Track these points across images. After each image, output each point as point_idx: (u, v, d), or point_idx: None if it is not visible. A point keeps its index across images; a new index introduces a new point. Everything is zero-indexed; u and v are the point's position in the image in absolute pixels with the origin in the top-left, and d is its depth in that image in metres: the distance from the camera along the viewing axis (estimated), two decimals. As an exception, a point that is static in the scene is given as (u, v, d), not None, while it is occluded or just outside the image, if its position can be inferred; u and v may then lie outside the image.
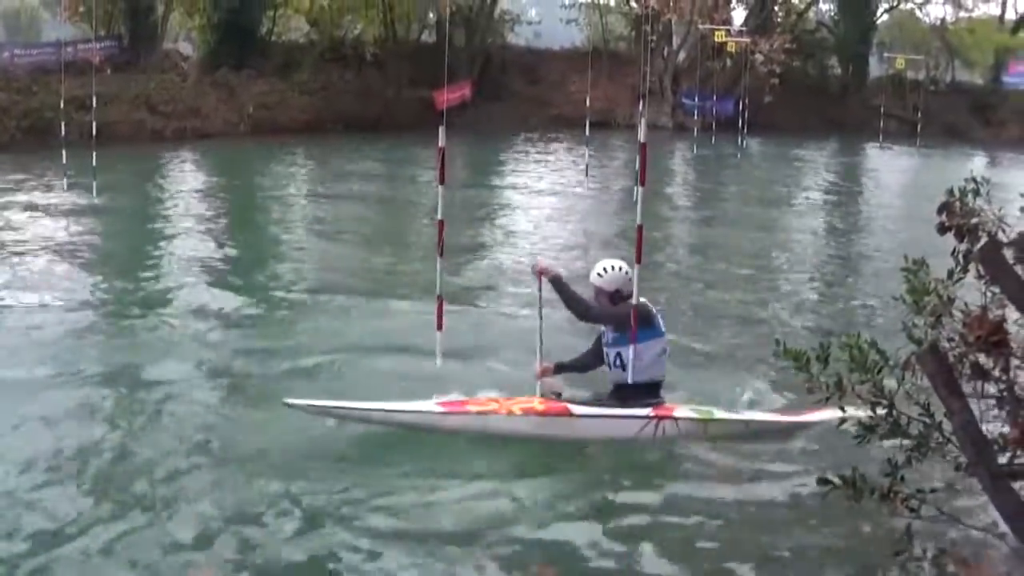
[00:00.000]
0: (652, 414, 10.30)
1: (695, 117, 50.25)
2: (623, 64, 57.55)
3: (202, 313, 15.88)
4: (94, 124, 29.17)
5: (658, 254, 20.87)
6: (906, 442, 7.53)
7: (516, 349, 13.11)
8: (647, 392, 10.41)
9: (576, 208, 28.59)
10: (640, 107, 34.94)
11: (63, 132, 29.95)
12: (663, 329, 10.59)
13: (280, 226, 25.68)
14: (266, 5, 55.04)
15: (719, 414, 10.51)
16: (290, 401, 10.48)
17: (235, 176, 36.95)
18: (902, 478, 7.51)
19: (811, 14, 65.60)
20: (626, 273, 10.50)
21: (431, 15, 59.58)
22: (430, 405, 10.61)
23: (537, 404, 10.55)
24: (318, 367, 12.78)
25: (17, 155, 38.75)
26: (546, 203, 29.58)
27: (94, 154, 27.13)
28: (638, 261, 10.47)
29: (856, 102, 62.29)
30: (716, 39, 51.37)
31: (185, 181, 35.18)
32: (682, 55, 60.47)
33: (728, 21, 56.79)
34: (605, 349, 10.62)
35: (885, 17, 69.11)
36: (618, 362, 10.42)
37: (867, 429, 7.47)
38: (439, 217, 11.83)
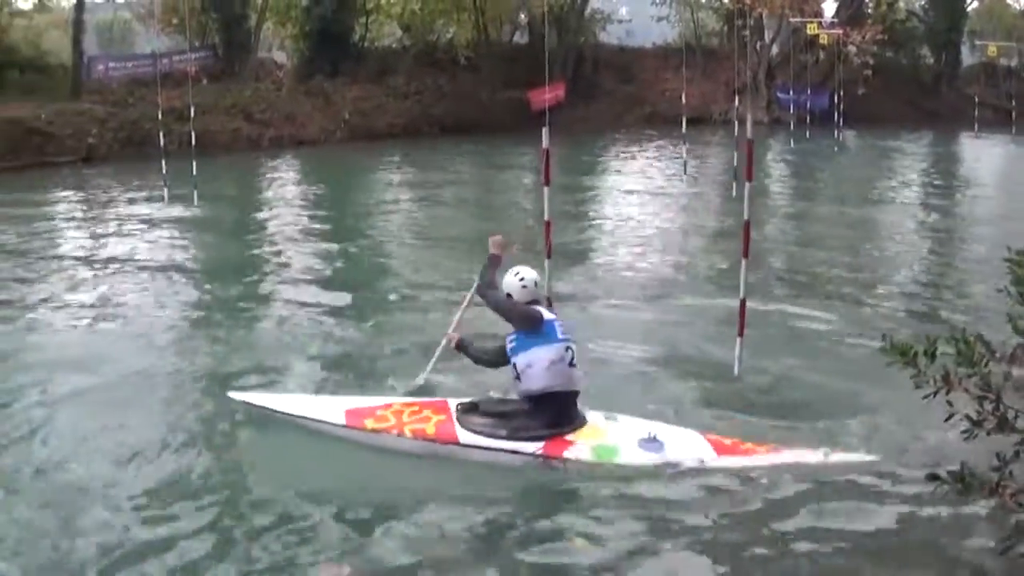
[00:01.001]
0: (539, 452, 9.71)
1: (790, 111, 49.66)
2: (716, 60, 57.29)
3: (302, 316, 16.02)
4: (192, 134, 29.48)
5: (758, 248, 20.71)
6: (1014, 436, 7.43)
7: (627, 348, 13.38)
8: (550, 402, 9.83)
9: (675, 205, 28.42)
10: (736, 102, 35.01)
11: (162, 142, 30.28)
12: (561, 336, 9.92)
13: (379, 230, 25.62)
14: (358, 12, 55.50)
15: (619, 458, 9.56)
16: (232, 395, 11.15)
17: (333, 182, 37.15)
18: (1011, 473, 7.41)
19: (902, 3, 64.72)
20: (519, 279, 10.13)
21: (523, 16, 59.57)
22: (336, 414, 10.54)
23: (431, 425, 10.17)
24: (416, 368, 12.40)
25: (116, 165, 39.37)
26: (645, 201, 29.42)
27: (193, 163, 27.41)
28: (745, 255, 10.48)
29: (950, 91, 61.47)
30: (808, 32, 50.88)
31: (283, 188, 35.49)
32: (775, 49, 59.99)
33: (819, 13, 56.08)
34: (509, 356, 10.09)
35: (975, 4, 68.14)
36: (514, 372, 10.02)
37: (974, 424, 7.36)
38: (546, 218, 11.85)
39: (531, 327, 9.88)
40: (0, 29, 50.90)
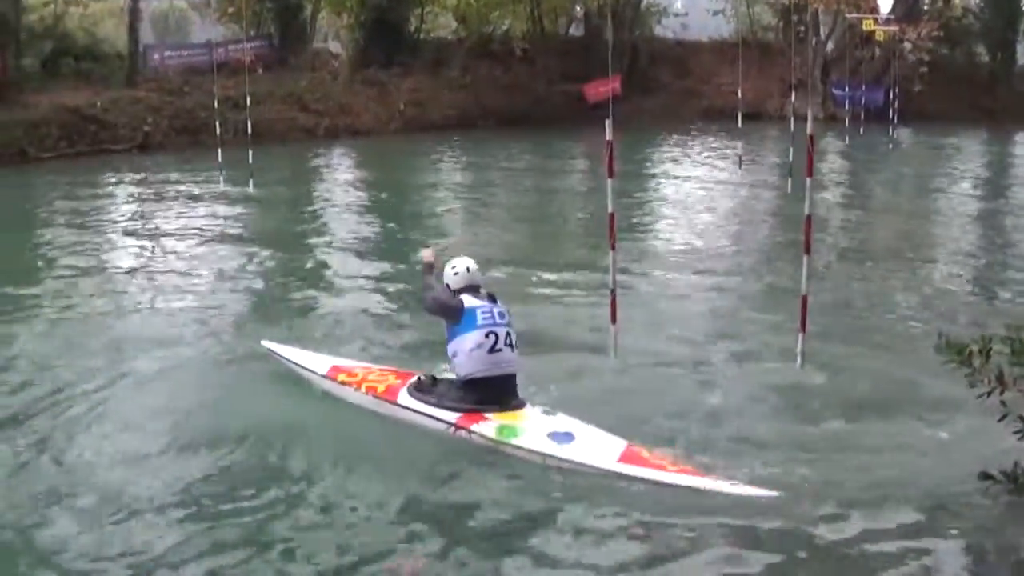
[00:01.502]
0: (454, 422, 10.15)
1: (845, 107, 49.33)
2: (771, 55, 56.90)
3: (357, 303, 16.18)
4: (249, 123, 29.58)
5: (816, 244, 20.64)
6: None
7: (688, 338, 13.47)
8: (479, 385, 10.17)
9: (731, 200, 28.29)
10: (792, 98, 34.80)
11: (218, 131, 30.44)
12: (480, 323, 10.15)
13: (432, 220, 25.71)
14: (414, 2, 55.37)
15: (518, 439, 9.75)
16: (264, 342, 12.36)
17: (388, 172, 37.21)
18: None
19: (958, 0, 64.24)
20: (453, 269, 10.55)
21: (578, 9, 59.48)
22: (323, 367, 11.59)
23: (383, 385, 10.93)
24: None
25: (171, 154, 39.60)
26: (701, 195, 29.19)
27: (250, 152, 27.51)
28: (807, 251, 10.53)
29: (1005, 89, 60.77)
30: (864, 28, 50.51)
31: (338, 178, 35.56)
32: (830, 45, 59.61)
33: (875, 9, 55.55)
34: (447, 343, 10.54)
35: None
36: (449, 359, 10.52)
37: (1028, 423, 7.34)
38: (610, 210, 11.88)
39: (452, 318, 10.29)
40: (56, 17, 51.22)
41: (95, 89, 44.99)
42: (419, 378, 10.79)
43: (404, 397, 10.60)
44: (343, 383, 11.24)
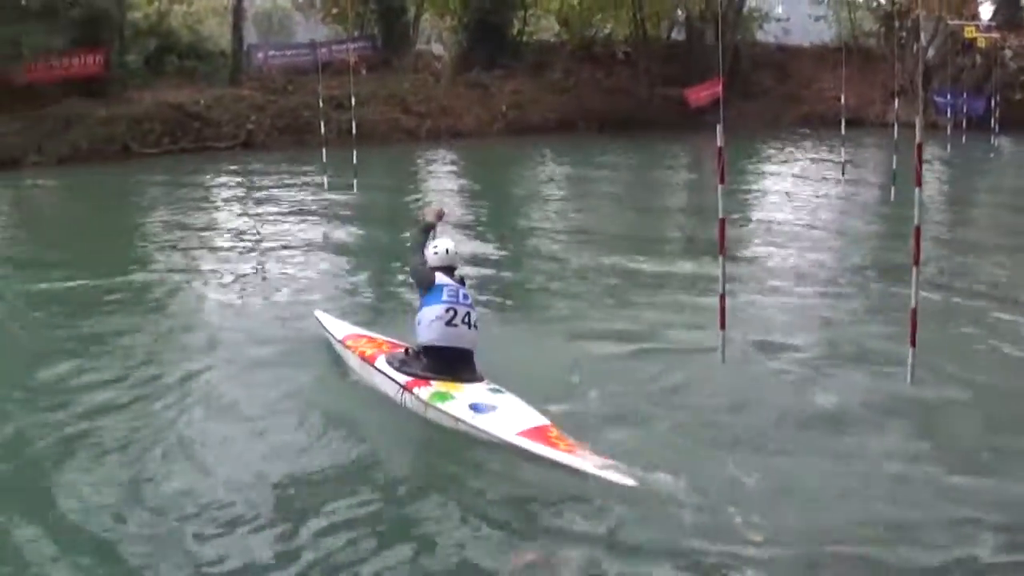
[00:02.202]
0: (404, 384, 10.93)
1: (947, 115, 48.66)
2: (873, 61, 56.17)
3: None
4: (353, 123, 29.49)
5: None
6: None
7: (794, 346, 13.20)
8: (435, 354, 10.98)
9: (834, 206, 27.75)
10: (895, 104, 34.24)
11: (322, 131, 30.40)
12: (445, 299, 11.00)
13: (529, 222, 25.30)
14: (517, 5, 55.27)
15: (443, 405, 10.42)
16: (316, 312, 13.79)
17: (488, 174, 37.09)
18: None
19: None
20: (434, 249, 11.50)
21: (680, 12, 59.16)
22: (343, 333, 12.80)
23: (372, 352, 11.92)
24: (585, 364, 12.00)
25: (274, 152, 39.83)
26: (804, 201, 28.69)
27: (354, 152, 27.40)
28: (916, 263, 10.19)
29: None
30: (965, 35, 49.84)
31: (439, 179, 35.46)
32: (932, 52, 58.89)
33: (976, 16, 54.96)
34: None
35: None
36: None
37: None
38: (719, 216, 11.58)
39: (422, 286, 11.31)
40: (160, 14, 51.74)
41: (198, 87, 45.52)
42: (405, 349, 11.58)
43: (380, 362, 11.52)
44: (348, 347, 12.33)
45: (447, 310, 10.95)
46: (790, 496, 8.63)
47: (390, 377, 11.18)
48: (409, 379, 10.93)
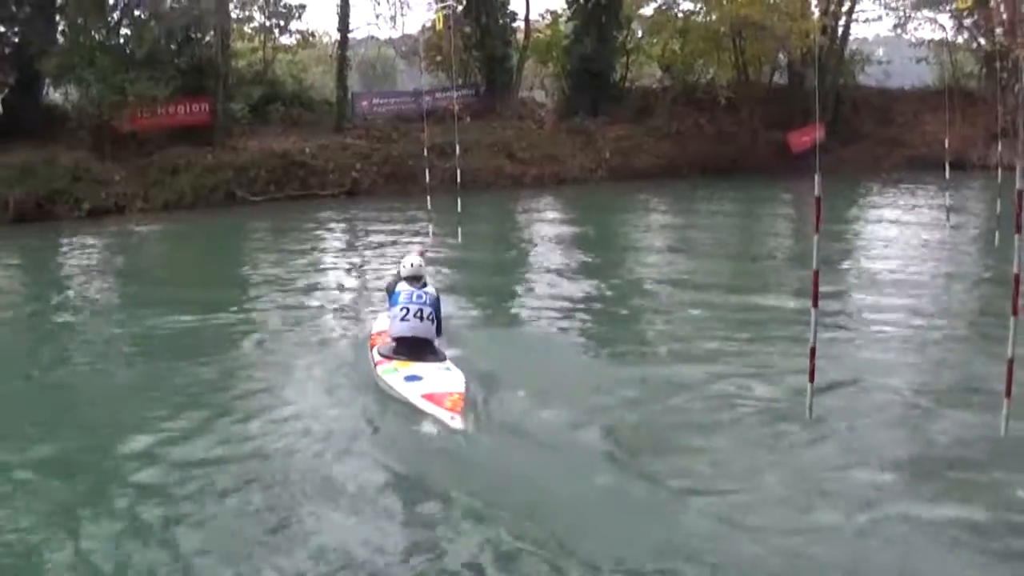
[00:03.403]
0: (375, 363, 14.20)
1: (1050, 158, 47.83)
2: (975, 103, 55.52)
3: (562, 355, 16.19)
4: (458, 171, 29.52)
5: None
6: None
7: (888, 390, 13.31)
8: (400, 343, 14.20)
9: (937, 252, 27.28)
10: (998, 147, 33.68)
11: (427, 178, 30.44)
12: (400, 301, 14.28)
13: (633, 266, 25.45)
14: (619, 52, 55.35)
15: (387, 377, 13.61)
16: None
17: (593, 221, 36.86)
18: None
19: None
20: (407, 264, 15.00)
21: (782, 57, 58.84)
22: (377, 328, 15.92)
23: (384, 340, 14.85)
24: (678, 413, 12.59)
25: (379, 200, 40.04)
26: (906, 247, 28.18)
27: (458, 200, 27.41)
28: (1014, 313, 9.98)
29: None
30: (1068, 75, 49.11)
31: (544, 227, 35.27)
32: (1032, 92, 58.06)
33: (1080, 55, 54.23)
34: None
35: None
36: None
37: None
38: (814, 267, 11.43)
39: (390, 295, 14.86)
40: (264, 63, 52.34)
41: (303, 135, 45.84)
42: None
43: (374, 350, 14.63)
44: (371, 341, 15.33)
45: (401, 309, 14.25)
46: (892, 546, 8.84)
47: (372, 359, 14.35)
48: (379, 359, 14.11)
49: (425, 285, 14.73)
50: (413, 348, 14.00)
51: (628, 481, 10.42)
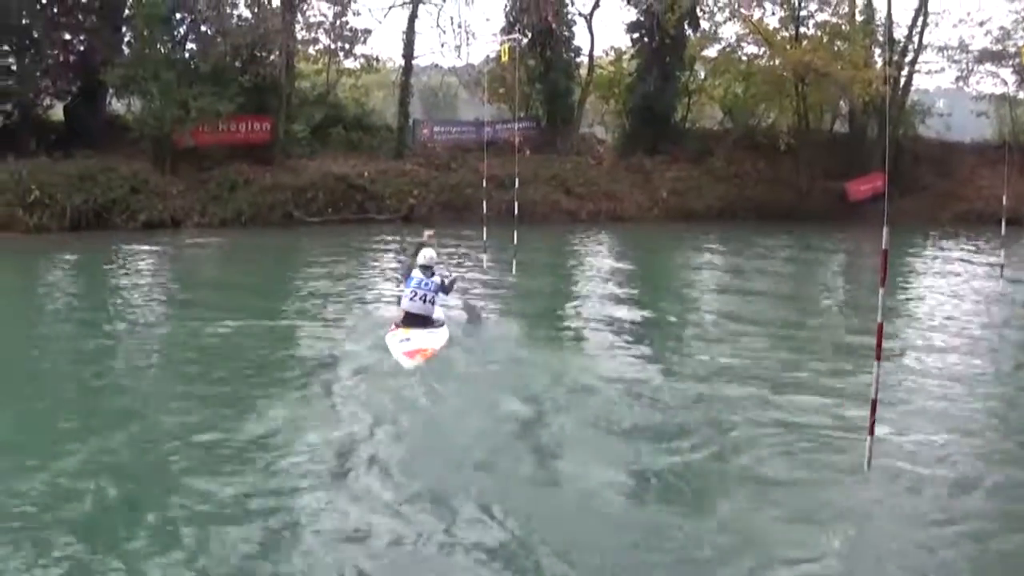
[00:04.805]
0: (389, 330, 17.94)
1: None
2: (1033, 158, 55.11)
3: (610, 396, 15.72)
4: (516, 203, 29.50)
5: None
6: None
7: (943, 455, 12.94)
8: (408, 317, 17.96)
9: (989, 308, 27.03)
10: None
11: (484, 208, 30.46)
12: (412, 285, 18.00)
13: (683, 307, 25.40)
14: (680, 92, 55.37)
15: (387, 339, 17.49)
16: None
17: (646, 258, 36.91)
18: None
19: None
20: (420, 255, 18.46)
21: (843, 105, 58.65)
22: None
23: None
24: (723, 458, 12.54)
25: (435, 228, 39.96)
26: (958, 301, 27.94)
27: (515, 232, 27.41)
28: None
29: None
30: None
31: (597, 260, 35.34)
32: (1090, 150, 57.59)
33: None
34: None
35: None
36: None
37: None
38: (878, 320, 11.38)
39: (405, 277, 18.70)
40: (327, 85, 52.52)
41: (363, 159, 46.01)
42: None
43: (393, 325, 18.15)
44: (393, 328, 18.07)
45: (411, 291, 18.01)
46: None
47: (389, 328, 17.89)
48: (392, 327, 17.84)
49: (433, 275, 18.28)
50: (415, 320, 17.91)
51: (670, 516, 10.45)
